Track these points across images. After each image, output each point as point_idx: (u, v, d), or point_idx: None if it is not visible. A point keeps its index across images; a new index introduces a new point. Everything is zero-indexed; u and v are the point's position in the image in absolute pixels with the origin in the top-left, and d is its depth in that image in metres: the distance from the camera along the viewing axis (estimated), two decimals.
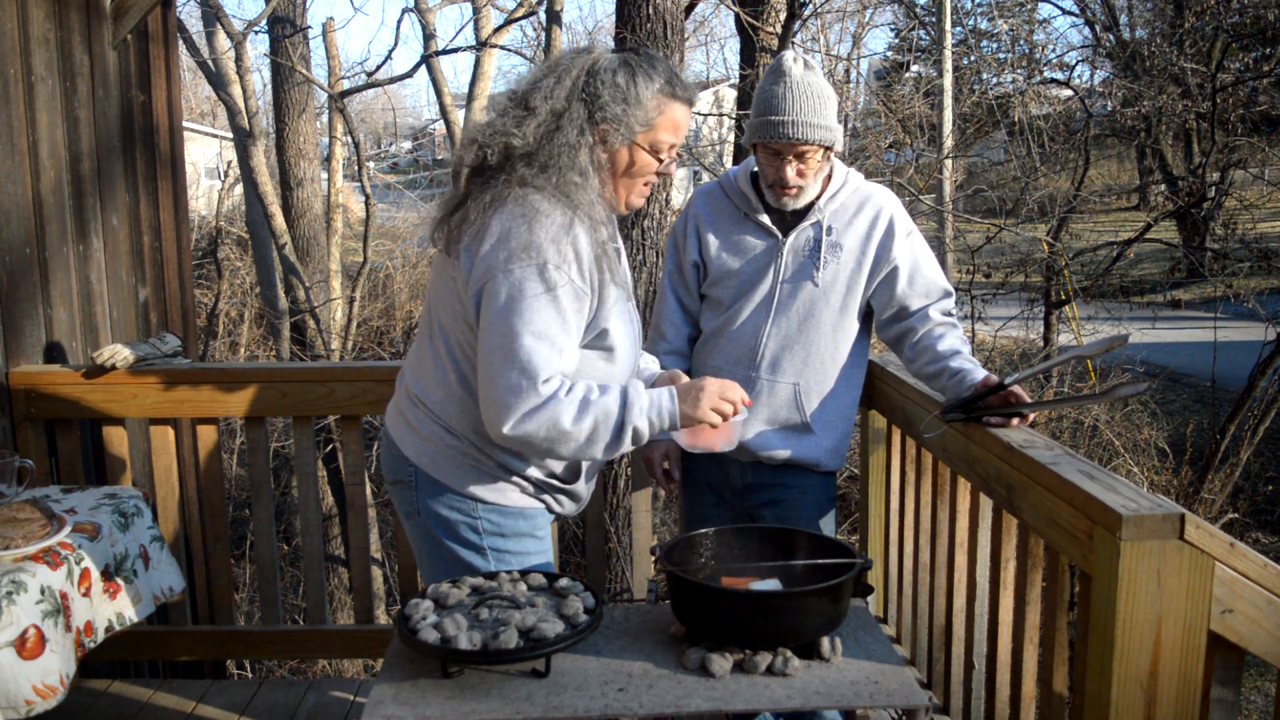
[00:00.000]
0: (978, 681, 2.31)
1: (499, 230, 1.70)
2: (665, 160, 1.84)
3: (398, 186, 14.19)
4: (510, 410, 1.67)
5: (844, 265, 2.30)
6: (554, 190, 1.72)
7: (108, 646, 2.40)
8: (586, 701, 1.54)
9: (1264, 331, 8.00)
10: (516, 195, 1.72)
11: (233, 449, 8.99)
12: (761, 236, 2.35)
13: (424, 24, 9.40)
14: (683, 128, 1.84)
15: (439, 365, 1.86)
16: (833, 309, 2.31)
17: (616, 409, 1.71)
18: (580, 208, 1.73)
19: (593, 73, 1.76)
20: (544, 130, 1.73)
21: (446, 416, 1.86)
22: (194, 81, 19.45)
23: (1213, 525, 1.63)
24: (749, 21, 6.08)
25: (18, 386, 2.80)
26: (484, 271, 1.71)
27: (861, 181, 2.38)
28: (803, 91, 2.18)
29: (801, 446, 2.37)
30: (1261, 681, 6.79)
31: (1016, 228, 9.68)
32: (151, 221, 3.59)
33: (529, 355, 1.67)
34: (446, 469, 1.87)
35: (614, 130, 1.76)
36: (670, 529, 6.61)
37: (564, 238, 1.69)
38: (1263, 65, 13.48)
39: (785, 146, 2.20)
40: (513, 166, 1.74)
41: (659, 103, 1.78)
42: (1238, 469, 7.78)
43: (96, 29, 3.24)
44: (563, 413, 1.68)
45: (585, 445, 1.71)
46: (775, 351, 2.33)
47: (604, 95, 1.75)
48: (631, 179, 1.83)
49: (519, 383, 1.67)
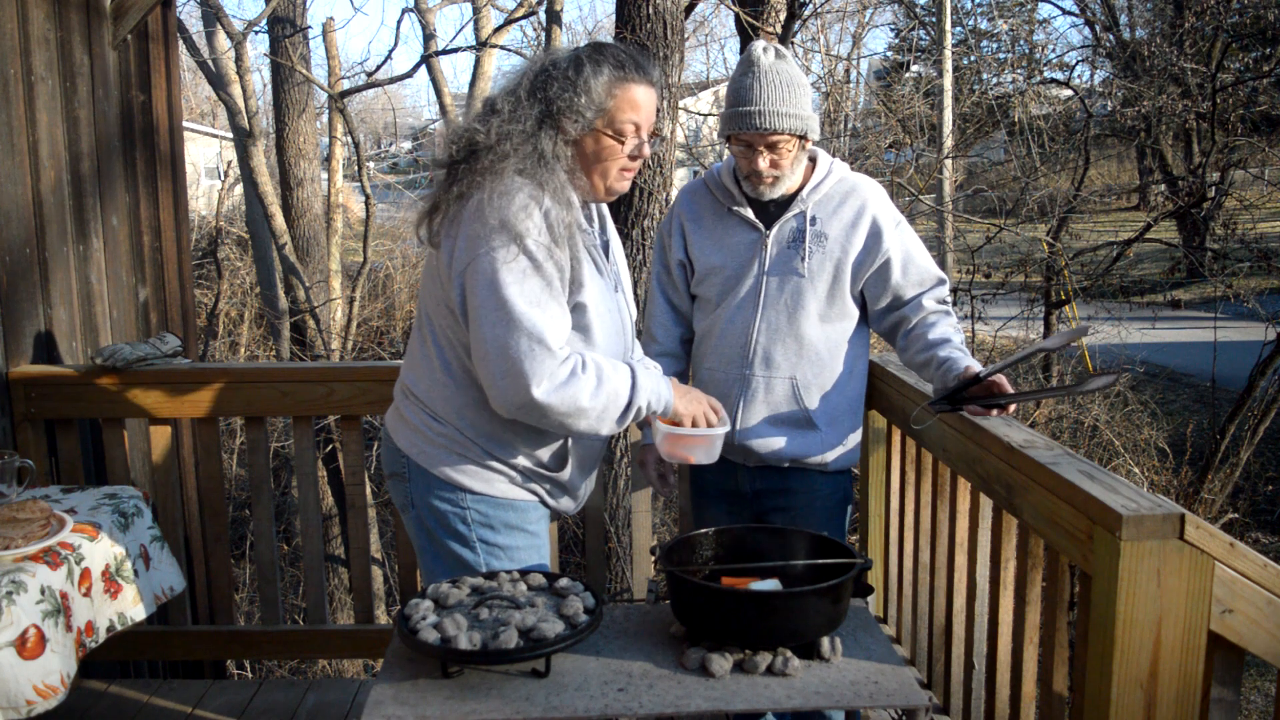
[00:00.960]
0: (978, 681, 2.31)
1: (472, 213, 1.77)
2: (630, 143, 1.86)
3: (398, 186, 14.19)
4: (533, 376, 1.72)
5: (829, 254, 2.27)
6: (517, 173, 1.78)
7: (108, 646, 2.40)
8: (586, 701, 1.54)
9: (1264, 331, 8.00)
10: (482, 181, 1.78)
11: (233, 449, 8.99)
12: (745, 230, 2.31)
13: (424, 24, 9.41)
14: (643, 106, 1.86)
15: (425, 353, 1.92)
16: (820, 298, 2.27)
17: (626, 391, 1.81)
18: (546, 186, 1.78)
19: (545, 69, 1.83)
20: (504, 125, 1.80)
21: (432, 403, 1.90)
22: (194, 81, 19.44)
23: (1213, 525, 1.63)
24: (749, 21, 6.08)
25: (18, 386, 2.80)
26: (465, 254, 1.77)
27: (847, 171, 2.34)
28: (772, 81, 2.16)
29: (806, 443, 2.32)
30: (1261, 681, 6.80)
31: (1016, 228, 9.69)
32: (151, 221, 3.59)
33: (531, 321, 1.73)
34: (435, 458, 1.90)
35: (570, 120, 1.82)
36: (670, 529, 6.61)
37: (535, 209, 1.75)
38: (1263, 65, 13.50)
39: (756, 137, 2.18)
40: (477, 158, 1.80)
41: (609, 86, 1.82)
42: (1238, 469, 7.78)
43: (96, 29, 3.24)
44: (582, 391, 1.76)
45: (595, 422, 1.80)
46: (766, 346, 2.29)
47: (553, 87, 1.81)
48: (603, 164, 1.87)
49: (531, 348, 1.72)
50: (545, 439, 1.91)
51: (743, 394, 2.31)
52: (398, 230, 15.28)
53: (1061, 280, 9.96)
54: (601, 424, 1.80)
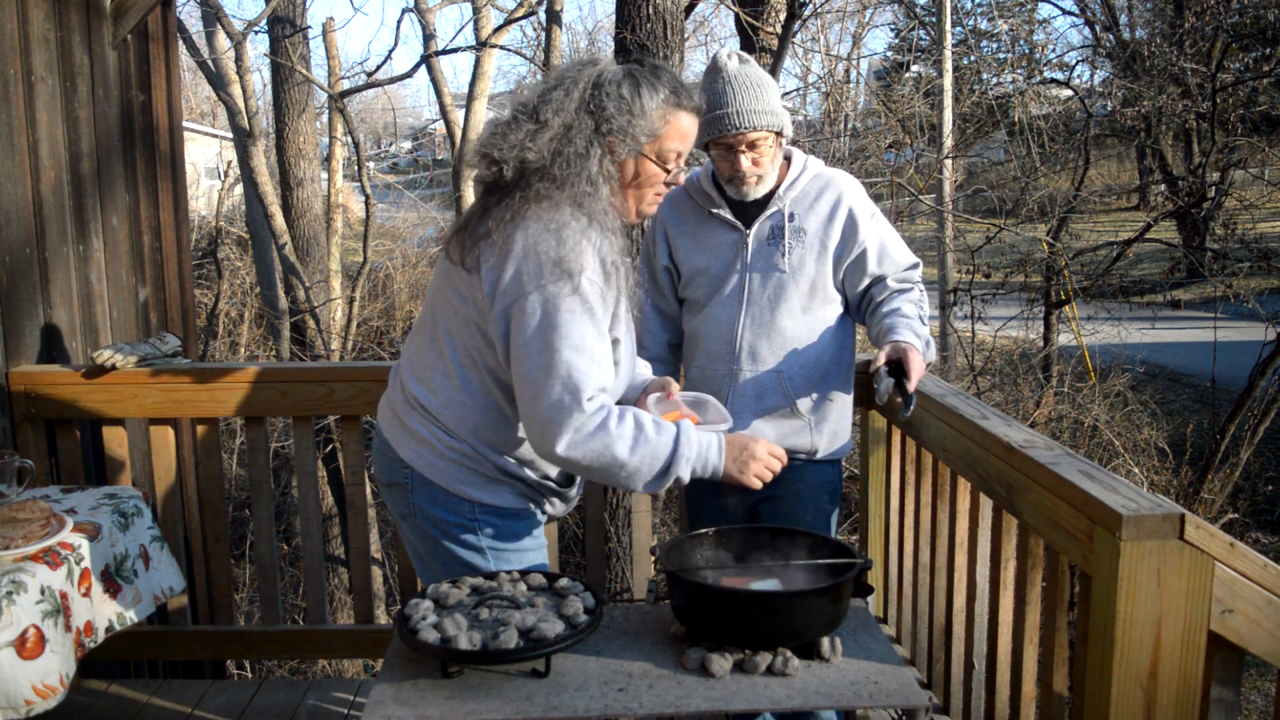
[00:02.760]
0: (978, 681, 2.31)
1: (523, 246, 1.71)
2: (673, 169, 1.84)
3: (398, 186, 14.20)
4: (559, 428, 1.68)
5: (809, 248, 2.34)
6: (569, 203, 1.73)
7: (108, 646, 2.40)
8: (586, 701, 1.54)
9: (1264, 331, 8.00)
10: (535, 211, 1.73)
11: (233, 449, 8.99)
12: (726, 231, 2.39)
13: (424, 24, 9.41)
14: (690, 136, 1.84)
15: (442, 369, 1.86)
16: (802, 292, 2.34)
17: (665, 454, 1.73)
18: (594, 217, 1.74)
19: (598, 85, 1.77)
20: (556, 144, 1.74)
21: (447, 420, 1.86)
22: (194, 81, 19.44)
23: (1213, 525, 1.63)
24: (749, 21, 6.08)
25: (18, 386, 2.80)
26: (513, 289, 1.71)
27: (821, 167, 2.41)
28: (741, 83, 2.23)
29: (794, 434, 2.38)
30: (1261, 681, 6.80)
31: (1016, 228, 9.69)
32: (151, 221, 3.59)
33: (569, 369, 1.68)
34: (444, 471, 1.87)
35: (620, 141, 1.77)
36: (670, 529, 6.61)
37: (588, 248, 1.70)
38: (1263, 65, 13.49)
39: (735, 138, 2.24)
40: (528, 182, 1.74)
41: (664, 112, 1.79)
42: (1238, 469, 7.78)
43: (96, 29, 3.24)
44: (615, 444, 1.69)
45: (627, 479, 1.73)
46: (751, 341, 2.35)
47: (609, 107, 1.76)
48: (640, 189, 1.84)
49: (562, 398, 1.68)
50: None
51: (731, 389, 2.37)
52: (398, 230, 15.30)
53: (1061, 280, 9.96)
54: (633, 481, 1.73)
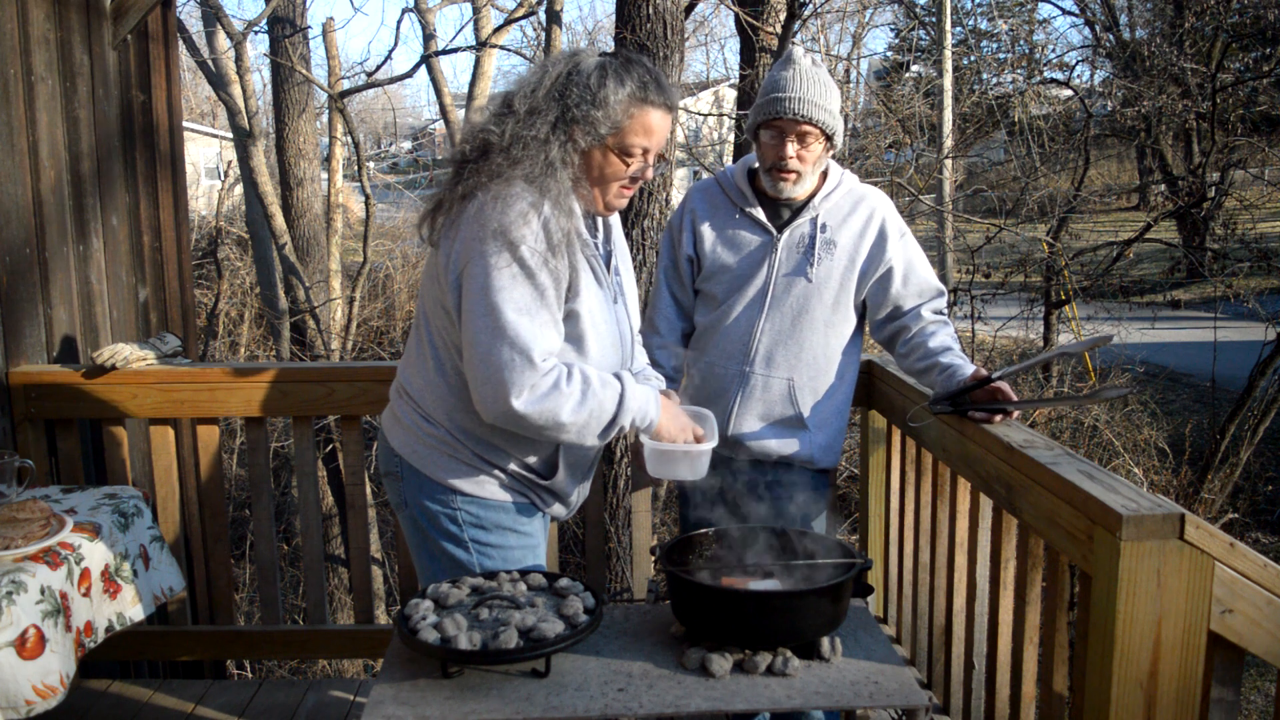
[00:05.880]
0: (978, 681, 2.31)
1: (472, 216, 1.76)
2: (635, 164, 1.85)
3: (398, 186, 14.18)
4: (513, 386, 1.72)
5: (837, 262, 2.34)
6: (523, 179, 1.76)
7: (108, 646, 2.40)
8: (586, 701, 1.54)
9: (1264, 331, 8.01)
10: (485, 184, 1.77)
11: (233, 449, 8.99)
12: (756, 232, 2.38)
13: (424, 24, 9.40)
14: (656, 132, 1.84)
15: (421, 353, 1.92)
16: (825, 305, 2.35)
17: (612, 408, 1.80)
18: (549, 194, 1.76)
19: (570, 74, 1.81)
20: (519, 128, 1.78)
21: (424, 404, 1.91)
22: (194, 81, 19.45)
23: (1213, 525, 1.63)
24: (749, 21, 6.08)
25: (18, 386, 2.80)
26: (461, 255, 1.76)
27: (856, 183, 2.42)
28: (810, 77, 2.25)
29: (796, 442, 2.40)
30: (1261, 681, 6.79)
31: (1016, 228, 9.69)
32: (151, 221, 3.59)
33: (515, 330, 1.72)
34: (427, 459, 1.91)
35: (582, 131, 1.79)
36: (670, 529, 6.62)
37: (534, 218, 1.74)
38: (1263, 65, 13.49)
39: (789, 124, 2.24)
40: (487, 159, 1.79)
41: (628, 106, 1.80)
42: (1238, 469, 7.78)
43: (96, 29, 3.24)
44: (563, 405, 1.75)
45: (576, 435, 1.80)
46: (769, 347, 2.36)
47: (573, 95, 1.78)
48: (605, 182, 1.86)
49: (512, 358, 1.72)
50: (534, 444, 1.91)
51: (740, 390, 2.37)
52: (398, 230, 15.28)
53: (1061, 280, 9.96)
54: (583, 437, 1.80)
